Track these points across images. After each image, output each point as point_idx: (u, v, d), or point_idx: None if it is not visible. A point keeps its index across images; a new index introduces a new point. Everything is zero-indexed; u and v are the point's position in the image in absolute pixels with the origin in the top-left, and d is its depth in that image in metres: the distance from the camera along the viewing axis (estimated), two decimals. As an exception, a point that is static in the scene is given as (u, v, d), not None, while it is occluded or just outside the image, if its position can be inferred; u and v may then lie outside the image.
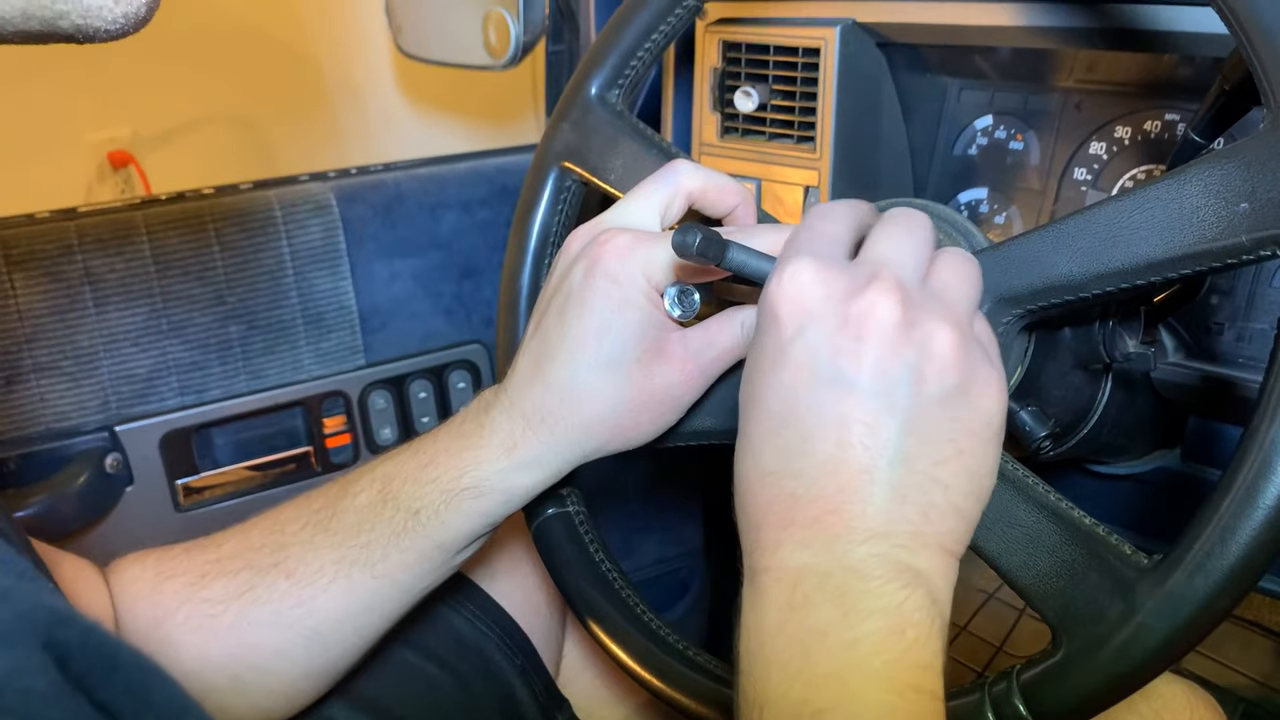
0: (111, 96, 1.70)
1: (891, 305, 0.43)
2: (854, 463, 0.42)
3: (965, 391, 0.44)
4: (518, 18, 1.09)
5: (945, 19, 0.79)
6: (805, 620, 0.41)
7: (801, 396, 0.43)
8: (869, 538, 0.42)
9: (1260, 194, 0.43)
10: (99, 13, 0.41)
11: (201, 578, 0.61)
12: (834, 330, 0.43)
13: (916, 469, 0.43)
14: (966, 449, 0.43)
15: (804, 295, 0.44)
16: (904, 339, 0.43)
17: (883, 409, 0.42)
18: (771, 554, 0.44)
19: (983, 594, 1.39)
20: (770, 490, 0.44)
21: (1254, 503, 0.41)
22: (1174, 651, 0.42)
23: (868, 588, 0.41)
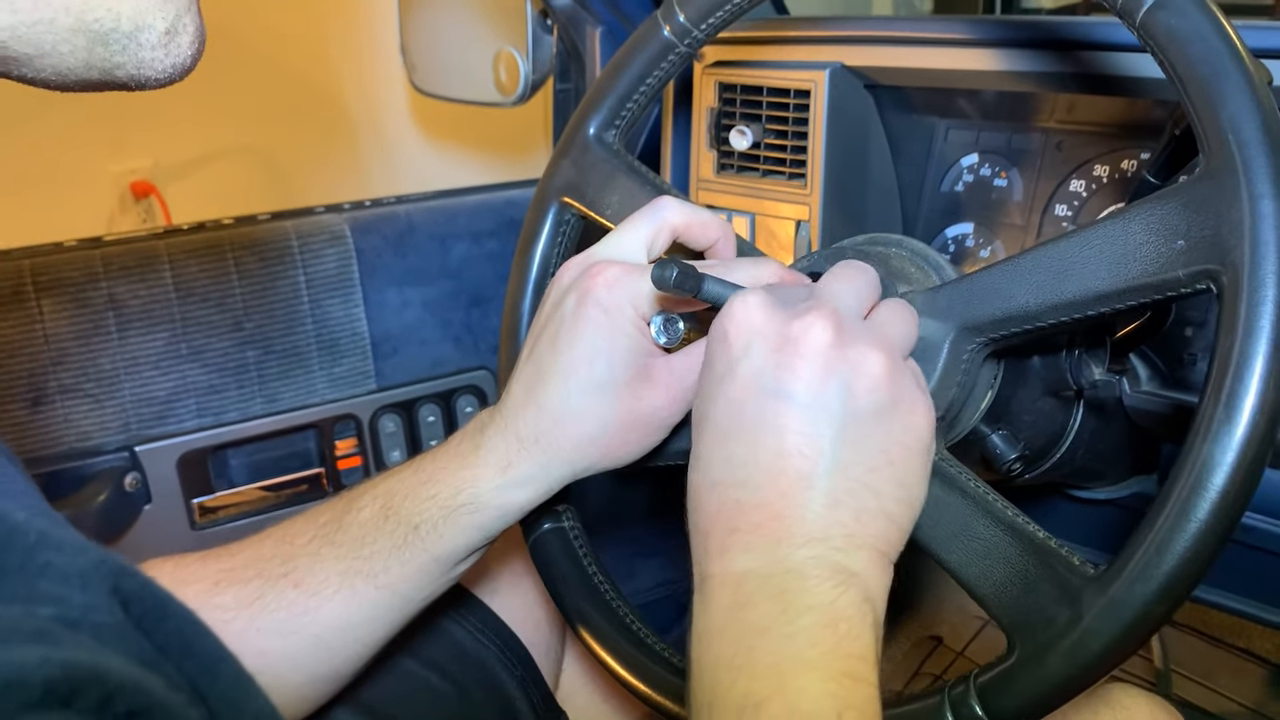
0: (134, 128, 1.75)
1: (826, 328, 0.48)
2: (793, 470, 0.47)
3: (894, 407, 0.48)
4: (527, 57, 1.14)
5: (930, 64, 0.83)
6: (747, 618, 0.45)
7: (746, 410, 0.48)
8: (807, 541, 0.46)
9: (1194, 232, 0.46)
10: (152, 64, 0.45)
11: (215, 585, 0.64)
12: (775, 349, 0.48)
13: (850, 475, 0.47)
14: (896, 460, 0.48)
15: (750, 319, 0.49)
16: (837, 357, 0.47)
17: (819, 419, 0.47)
18: (718, 559, 0.47)
19: (979, 620, 1.42)
20: (718, 499, 0.48)
21: (1188, 516, 0.44)
22: (1117, 654, 0.46)
23: (805, 586, 0.45)
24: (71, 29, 0.42)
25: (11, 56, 0.43)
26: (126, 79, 0.45)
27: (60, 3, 0.42)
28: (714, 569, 0.48)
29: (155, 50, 0.45)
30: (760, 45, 0.91)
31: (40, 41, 0.42)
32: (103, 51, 0.44)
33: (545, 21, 1.14)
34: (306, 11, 1.82)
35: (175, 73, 0.46)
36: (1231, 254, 0.45)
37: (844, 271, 0.53)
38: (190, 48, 0.46)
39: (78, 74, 0.44)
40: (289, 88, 1.85)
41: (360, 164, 1.93)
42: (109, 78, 0.45)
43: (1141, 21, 0.49)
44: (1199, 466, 0.44)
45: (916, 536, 0.54)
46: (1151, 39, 0.49)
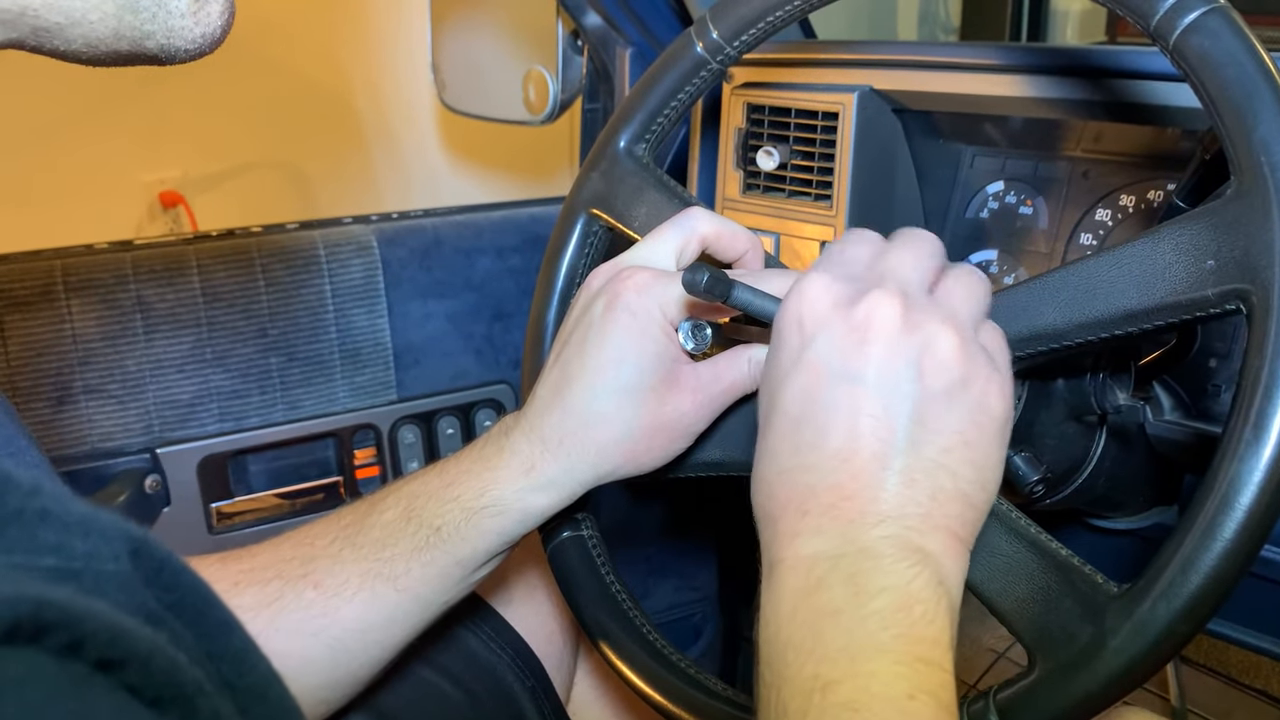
0: (165, 139, 1.78)
1: (892, 307, 0.47)
2: (865, 451, 0.46)
3: (967, 387, 0.47)
4: (556, 77, 1.15)
5: (958, 89, 0.84)
6: (819, 602, 0.44)
7: (815, 395, 0.47)
8: (880, 520, 0.45)
9: (1224, 253, 0.47)
10: (181, 33, 0.45)
11: (234, 585, 0.64)
12: (842, 334, 0.47)
13: (924, 455, 0.46)
14: (971, 440, 0.47)
15: (815, 305, 0.49)
16: (906, 338, 0.47)
17: (890, 400, 0.46)
18: (788, 544, 0.47)
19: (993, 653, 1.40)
20: (787, 485, 0.48)
21: (1214, 535, 0.44)
22: (1140, 673, 0.45)
23: (879, 566, 0.44)
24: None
25: (43, 26, 0.43)
26: (157, 49, 0.45)
27: None
28: (784, 554, 0.47)
29: (184, 19, 0.45)
30: (789, 67, 0.92)
31: (70, 9, 0.43)
32: (132, 20, 0.44)
33: (576, 42, 1.16)
34: (339, 29, 1.85)
35: (205, 43, 0.46)
36: (1262, 274, 0.45)
37: (906, 241, 0.52)
38: (220, 17, 0.46)
39: (108, 44, 0.44)
40: (319, 103, 1.87)
41: (387, 181, 1.94)
42: (139, 48, 0.45)
43: (1175, 44, 0.50)
44: (1226, 485, 0.44)
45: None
46: (1185, 62, 0.50)
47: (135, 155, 1.77)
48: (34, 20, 0.43)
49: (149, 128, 1.74)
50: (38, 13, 0.42)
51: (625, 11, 1.08)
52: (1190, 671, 1.27)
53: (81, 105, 1.62)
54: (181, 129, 1.77)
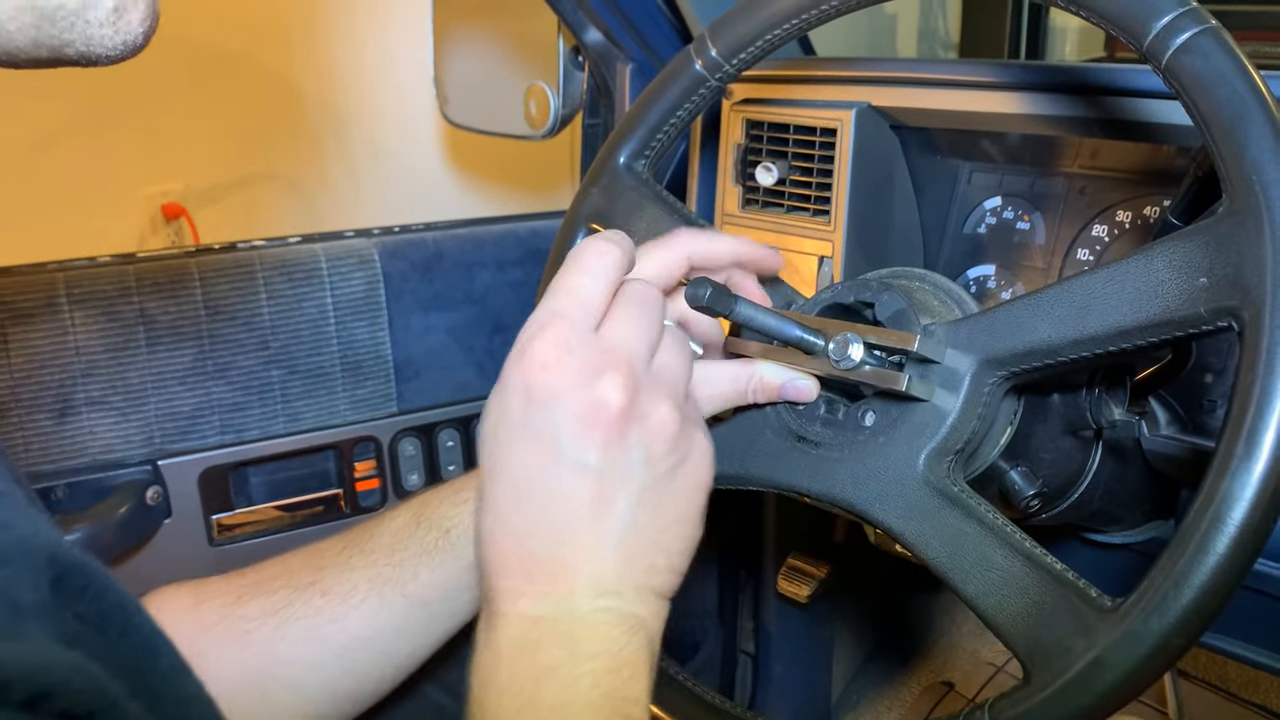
0: (167, 152, 1.79)
1: (621, 391, 0.48)
2: (590, 532, 0.49)
3: (685, 462, 0.51)
4: (557, 92, 1.16)
5: (955, 105, 0.84)
6: (537, 659, 0.48)
7: (543, 470, 0.49)
8: (600, 594, 0.49)
9: (1217, 270, 0.47)
10: (101, 41, 0.45)
11: (239, 598, 0.65)
12: (572, 414, 0.48)
13: (644, 535, 0.49)
14: (683, 515, 0.51)
15: (544, 375, 0.49)
16: (634, 424, 0.49)
17: (617, 485, 0.49)
18: (511, 602, 0.49)
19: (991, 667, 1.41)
20: (513, 547, 0.50)
21: (1206, 550, 0.44)
22: (1134, 686, 0.46)
23: (595, 633, 0.48)
24: (18, 6, 0.42)
25: None
26: (76, 56, 0.45)
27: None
28: (506, 609, 0.49)
29: (104, 28, 0.45)
30: (788, 84, 0.93)
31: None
32: (50, 29, 0.44)
33: (577, 57, 1.16)
34: (342, 43, 1.86)
35: (126, 50, 0.46)
36: (1253, 292, 0.45)
37: (632, 310, 0.52)
38: (141, 25, 0.46)
39: (27, 53, 0.44)
40: (321, 117, 1.88)
41: (388, 194, 1.95)
42: (58, 55, 0.45)
43: (1167, 64, 0.51)
44: (1219, 500, 0.44)
45: (934, 566, 0.54)
46: (1177, 81, 0.50)
47: (138, 168, 1.78)
48: None
49: (151, 140, 1.75)
50: None
51: (626, 28, 1.09)
52: (1189, 686, 1.27)
53: (84, 118, 1.63)
54: (184, 142, 1.78)
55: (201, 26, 1.71)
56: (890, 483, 0.56)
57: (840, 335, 0.57)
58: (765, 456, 0.62)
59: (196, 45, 1.71)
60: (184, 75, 1.72)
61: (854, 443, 0.59)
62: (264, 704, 0.64)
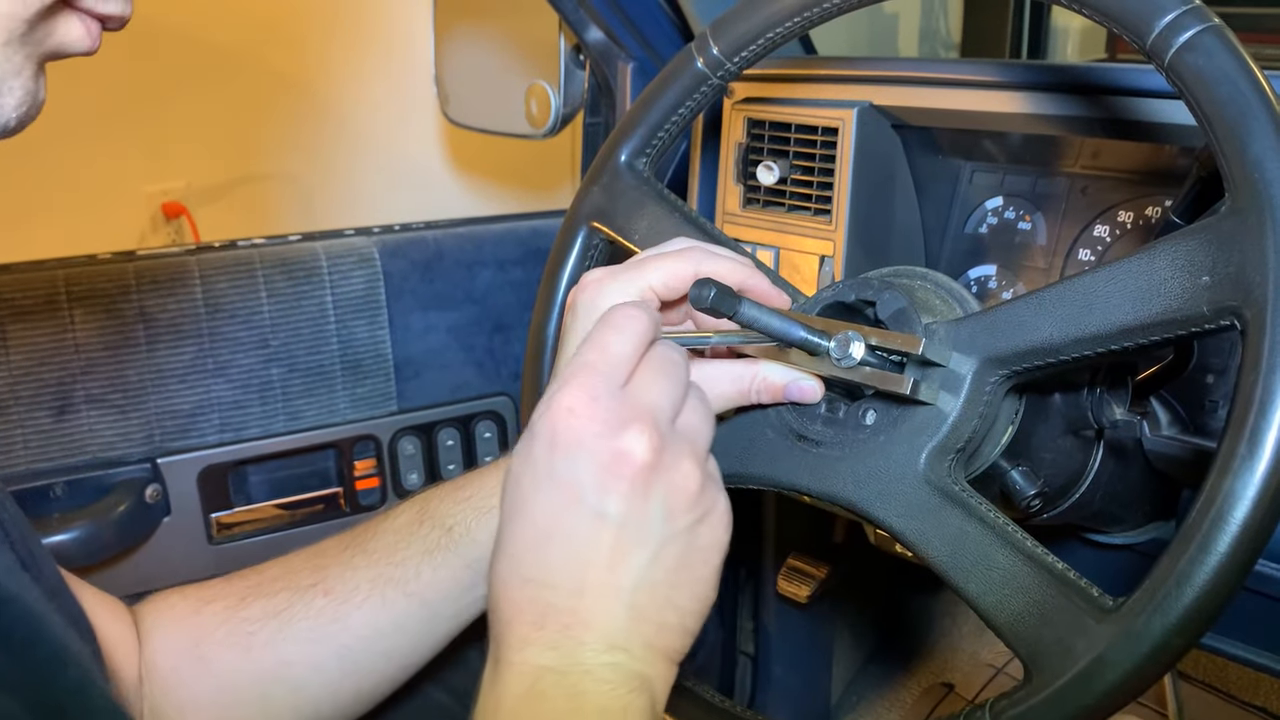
0: (168, 150, 1.79)
1: (647, 447, 0.48)
2: (605, 585, 0.48)
3: (704, 520, 0.50)
4: (559, 91, 1.16)
5: (957, 105, 0.84)
6: (540, 709, 0.47)
7: (564, 519, 0.49)
8: (609, 649, 0.48)
9: (1219, 269, 0.47)
10: None
11: (241, 600, 0.65)
12: (598, 465, 0.48)
13: (657, 593, 0.49)
14: (700, 575, 0.50)
15: (572, 424, 0.49)
16: (656, 478, 0.49)
17: (636, 539, 0.49)
18: (519, 650, 0.49)
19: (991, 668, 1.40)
20: (526, 594, 0.49)
21: (1208, 549, 0.44)
22: (1136, 685, 0.45)
23: (600, 690, 0.47)
24: None
25: None
26: None
27: None
28: (513, 658, 0.49)
29: None
30: (789, 83, 0.92)
31: None
32: None
33: (578, 56, 1.16)
34: (343, 42, 1.86)
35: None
36: (1256, 290, 0.45)
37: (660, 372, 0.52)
38: (15, 111, 0.47)
39: None
40: (322, 116, 1.88)
41: (389, 193, 1.95)
42: None
43: (1170, 63, 0.50)
44: (1220, 500, 0.44)
45: (935, 566, 0.54)
46: (1179, 80, 0.50)
47: (138, 166, 1.77)
48: None
49: (152, 139, 1.75)
50: None
51: (627, 27, 1.09)
52: (1189, 688, 1.27)
53: (85, 116, 1.63)
54: (185, 140, 1.78)
55: (203, 25, 1.71)
56: (891, 481, 0.56)
57: (841, 334, 0.57)
58: (766, 455, 0.62)
59: (198, 43, 1.71)
60: (185, 74, 1.72)
61: (855, 441, 0.58)
62: (266, 705, 0.64)
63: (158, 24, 1.62)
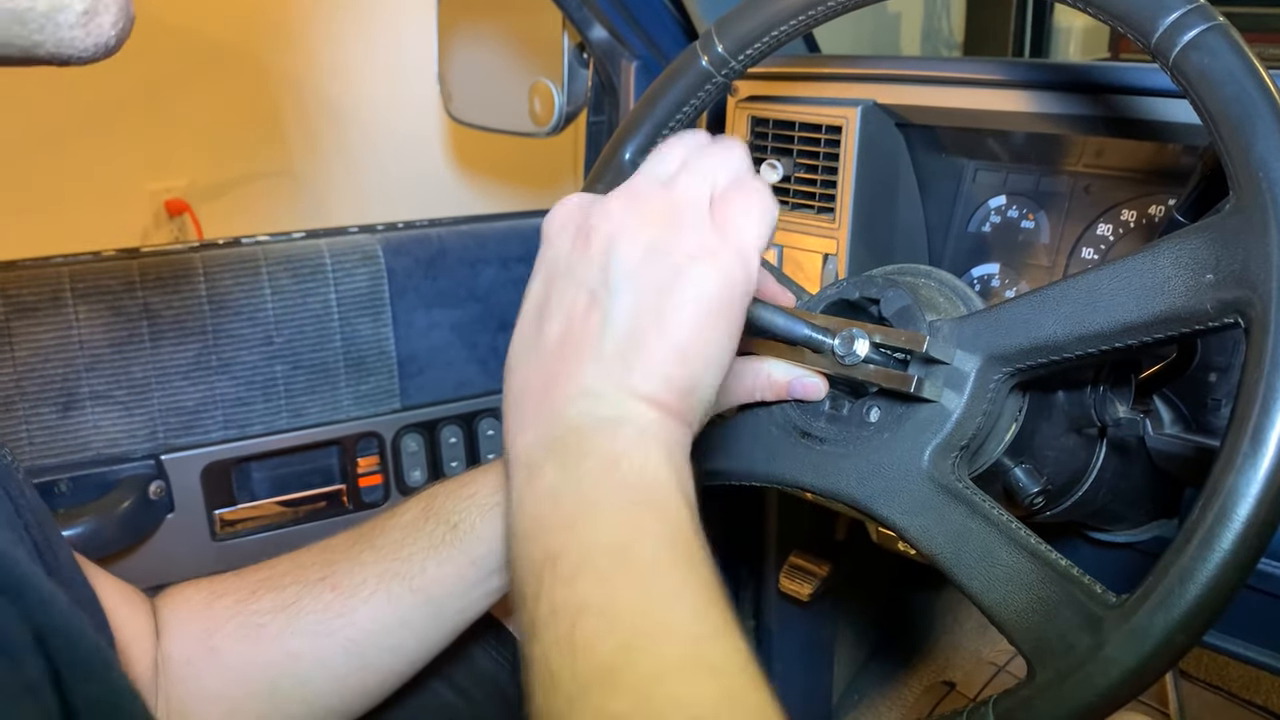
0: (171, 148, 1.79)
1: (615, 202, 0.49)
2: (573, 339, 0.48)
3: (680, 271, 0.48)
4: (562, 89, 1.16)
5: (961, 103, 0.84)
6: (538, 486, 0.46)
7: (545, 295, 0.50)
8: (579, 396, 0.47)
9: (1223, 267, 0.47)
10: (72, 43, 0.46)
11: (252, 594, 0.65)
12: (572, 236, 0.50)
13: (619, 338, 0.47)
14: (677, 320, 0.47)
15: (561, 212, 0.51)
16: (624, 234, 0.48)
17: (598, 292, 0.48)
18: (514, 440, 0.49)
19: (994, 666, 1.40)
20: (515, 382, 0.50)
21: (1211, 547, 0.44)
22: (1138, 682, 0.46)
23: (581, 439, 0.46)
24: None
25: None
26: (47, 56, 0.46)
27: None
28: (512, 450, 0.49)
29: (74, 30, 0.45)
30: (793, 81, 0.93)
31: None
32: (20, 30, 0.44)
33: (581, 55, 1.16)
34: (346, 39, 1.86)
35: (98, 51, 0.46)
36: (1260, 288, 0.45)
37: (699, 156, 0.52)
38: (113, 28, 0.46)
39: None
40: (325, 113, 1.88)
41: (392, 190, 1.95)
42: (30, 55, 0.45)
43: (1175, 62, 0.50)
44: (1224, 497, 0.44)
45: (938, 562, 0.54)
46: (1184, 78, 0.50)
47: (141, 163, 1.78)
48: None
49: (155, 136, 1.75)
50: None
51: (631, 25, 1.09)
52: (1190, 687, 1.27)
53: (88, 113, 1.63)
54: (188, 138, 1.78)
55: (205, 22, 1.71)
56: (895, 479, 0.56)
57: (845, 332, 0.57)
58: (769, 452, 0.62)
59: (200, 41, 1.71)
60: (188, 71, 1.72)
61: (858, 439, 0.59)
62: (274, 698, 0.64)
63: (161, 22, 1.62)
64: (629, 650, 0.40)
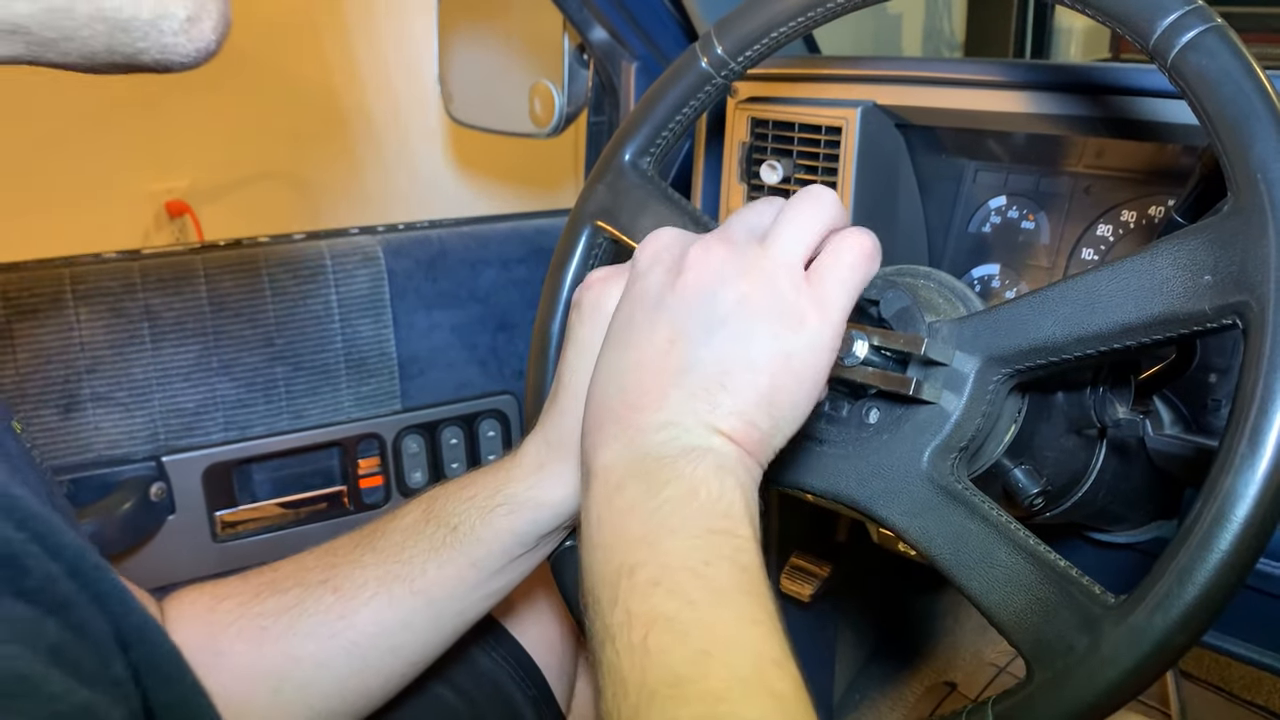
0: (172, 149, 1.79)
1: (718, 250, 0.51)
2: (658, 368, 0.50)
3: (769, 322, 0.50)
4: (562, 90, 1.16)
5: (961, 104, 0.84)
6: (619, 503, 0.48)
7: (631, 321, 0.53)
8: (663, 426, 0.49)
9: (1221, 268, 0.47)
10: (175, 49, 0.47)
11: (256, 596, 0.65)
12: (664, 269, 0.53)
13: (708, 374, 0.50)
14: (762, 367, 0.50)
15: (657, 244, 0.54)
16: (717, 274, 0.51)
17: (688, 325, 0.50)
18: (595, 456, 0.51)
19: (994, 667, 1.40)
20: (598, 400, 0.52)
21: (1210, 547, 0.44)
22: (1137, 683, 0.46)
23: (663, 465, 0.48)
24: (90, 16, 0.44)
25: (37, 42, 0.45)
26: (151, 63, 0.47)
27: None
28: (594, 465, 0.51)
29: (177, 36, 0.46)
30: (793, 82, 0.93)
31: (62, 26, 0.44)
32: (124, 38, 0.45)
33: (581, 55, 1.17)
34: (347, 41, 1.86)
35: (200, 56, 0.48)
36: (1258, 289, 0.45)
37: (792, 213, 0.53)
38: (214, 33, 0.48)
39: (103, 58, 0.46)
40: (326, 114, 1.88)
41: (393, 192, 1.95)
42: (134, 61, 0.47)
43: (1173, 63, 0.50)
44: (1222, 498, 0.44)
45: (937, 563, 0.54)
46: (1182, 80, 0.50)
47: (142, 165, 1.78)
48: (27, 36, 0.44)
49: (156, 137, 1.75)
50: (29, 30, 0.44)
51: (631, 26, 1.09)
52: (1191, 687, 1.27)
53: (89, 115, 1.63)
54: (188, 139, 1.79)
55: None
56: (894, 480, 0.57)
57: (845, 333, 0.57)
58: (769, 454, 0.62)
59: (202, 43, 1.71)
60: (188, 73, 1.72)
61: (858, 440, 0.59)
62: (276, 700, 0.64)
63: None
64: (699, 663, 0.42)
